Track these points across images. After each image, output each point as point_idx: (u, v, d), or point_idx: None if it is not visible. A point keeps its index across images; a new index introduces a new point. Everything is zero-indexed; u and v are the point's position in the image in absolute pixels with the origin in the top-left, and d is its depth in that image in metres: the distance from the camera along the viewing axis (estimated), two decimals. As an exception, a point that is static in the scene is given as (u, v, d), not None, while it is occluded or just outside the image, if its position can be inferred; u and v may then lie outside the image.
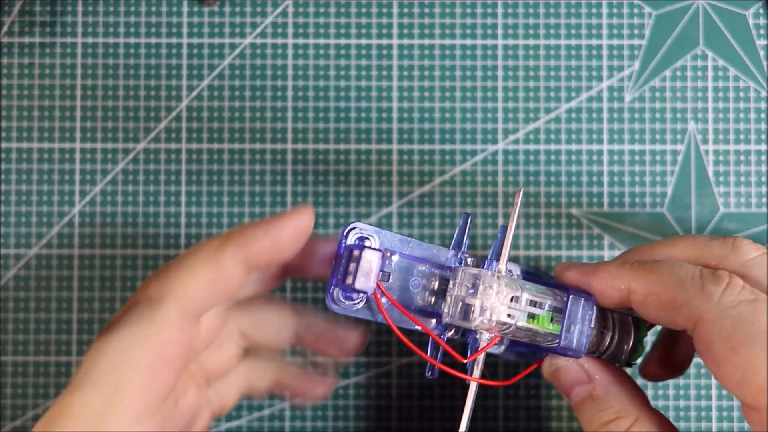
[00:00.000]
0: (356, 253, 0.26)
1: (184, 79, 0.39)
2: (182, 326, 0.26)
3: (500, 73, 0.39)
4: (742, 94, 0.39)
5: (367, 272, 0.26)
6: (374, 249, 0.26)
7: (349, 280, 0.26)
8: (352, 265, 0.26)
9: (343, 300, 0.27)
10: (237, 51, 0.39)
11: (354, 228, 0.27)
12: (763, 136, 0.39)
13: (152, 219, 0.39)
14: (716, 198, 0.39)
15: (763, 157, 0.39)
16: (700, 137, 0.39)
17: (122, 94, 0.39)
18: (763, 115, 0.39)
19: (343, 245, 0.27)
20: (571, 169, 0.39)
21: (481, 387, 0.29)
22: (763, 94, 0.39)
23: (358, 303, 0.27)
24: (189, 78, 0.39)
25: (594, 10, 0.39)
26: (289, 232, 0.27)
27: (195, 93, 0.39)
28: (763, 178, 0.39)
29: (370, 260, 0.26)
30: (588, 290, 0.28)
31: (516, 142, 0.39)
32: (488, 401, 0.38)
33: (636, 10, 0.39)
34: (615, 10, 0.39)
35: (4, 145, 0.39)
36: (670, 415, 0.38)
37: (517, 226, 0.39)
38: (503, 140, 0.39)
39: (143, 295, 0.26)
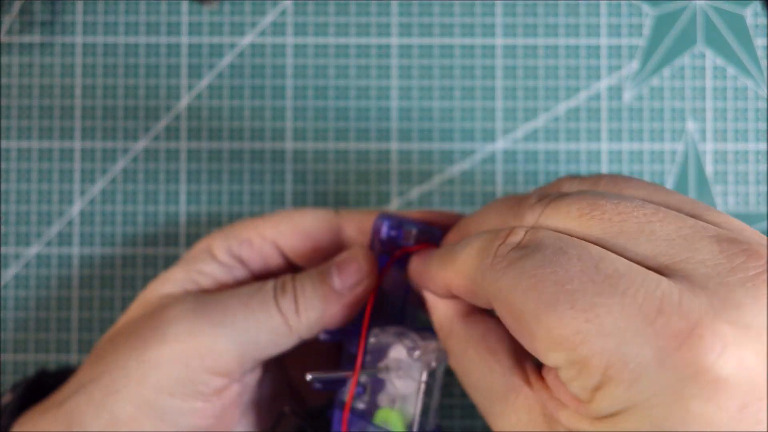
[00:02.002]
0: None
1: (183, 78, 0.39)
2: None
3: (499, 72, 0.39)
4: (740, 94, 0.39)
5: None
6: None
7: None
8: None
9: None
10: (236, 50, 0.39)
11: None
12: (762, 136, 0.39)
13: (152, 218, 0.39)
14: (715, 197, 0.39)
15: (762, 157, 0.39)
16: (698, 136, 0.39)
17: (122, 94, 0.39)
18: (761, 115, 0.39)
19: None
20: (570, 168, 0.39)
21: None
22: (762, 93, 0.39)
23: None
24: (189, 77, 0.39)
25: (593, 10, 0.39)
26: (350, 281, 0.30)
27: (194, 92, 0.39)
28: (762, 178, 0.39)
29: None
30: (428, 291, 0.28)
31: (515, 141, 0.39)
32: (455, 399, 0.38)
33: (635, 10, 0.39)
34: (614, 10, 0.39)
35: (3, 144, 0.39)
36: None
37: (516, 225, 0.39)
38: (502, 139, 0.39)
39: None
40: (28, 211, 0.39)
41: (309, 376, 0.28)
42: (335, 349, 0.35)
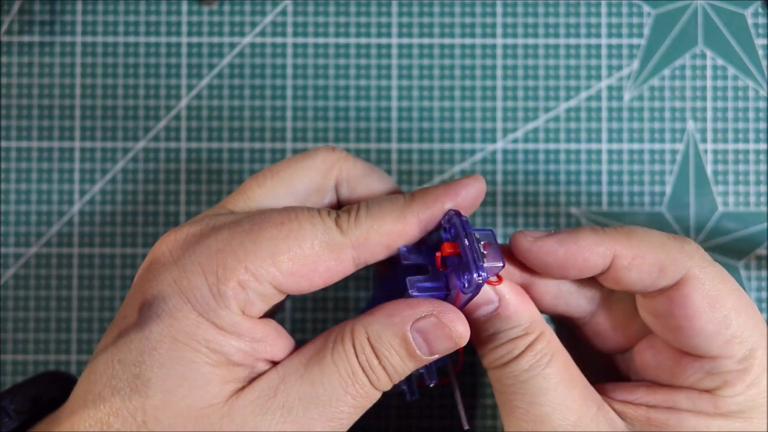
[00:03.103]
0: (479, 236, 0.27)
1: (183, 78, 0.39)
2: (349, 260, 0.27)
3: (499, 72, 0.39)
4: (741, 93, 0.39)
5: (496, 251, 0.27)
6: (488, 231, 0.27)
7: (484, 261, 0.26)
8: (482, 245, 0.27)
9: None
10: (236, 50, 0.39)
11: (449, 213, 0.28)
12: (762, 135, 0.39)
13: (152, 218, 0.39)
14: (715, 197, 0.39)
15: (762, 156, 0.39)
16: (698, 136, 0.39)
17: (121, 93, 0.39)
18: (762, 114, 0.39)
19: (464, 230, 0.27)
20: (570, 168, 0.39)
21: (474, 386, 0.29)
22: (762, 93, 0.39)
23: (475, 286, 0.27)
24: (188, 77, 0.39)
25: (593, 10, 0.39)
26: (468, 196, 0.28)
27: (194, 92, 0.39)
28: (762, 177, 0.39)
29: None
30: (568, 261, 0.27)
31: (515, 141, 0.39)
32: (487, 399, 0.38)
33: (635, 10, 0.39)
34: (614, 10, 0.39)
35: (3, 144, 0.39)
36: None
37: (516, 225, 0.39)
38: (502, 139, 0.39)
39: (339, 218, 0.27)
40: (27, 211, 0.39)
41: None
42: None
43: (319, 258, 0.26)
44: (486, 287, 0.28)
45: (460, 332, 0.26)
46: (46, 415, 0.28)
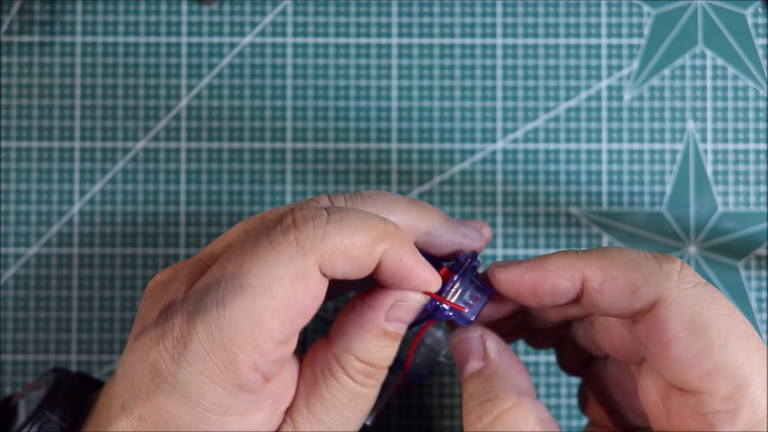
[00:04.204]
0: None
1: (183, 78, 0.39)
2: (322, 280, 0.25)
3: (499, 72, 0.39)
4: (741, 93, 0.39)
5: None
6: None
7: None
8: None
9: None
10: (236, 50, 0.39)
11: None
12: (762, 135, 0.39)
13: (151, 218, 0.39)
14: (715, 197, 0.39)
15: (762, 156, 0.39)
16: (698, 136, 0.39)
17: (121, 93, 0.39)
18: (761, 114, 0.39)
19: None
20: (570, 168, 0.39)
21: None
22: (762, 93, 0.39)
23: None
24: (188, 77, 0.39)
25: (593, 9, 0.39)
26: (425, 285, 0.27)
27: (194, 92, 0.39)
28: (762, 177, 0.39)
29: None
30: (537, 288, 0.27)
31: (515, 141, 0.39)
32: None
33: (635, 9, 0.39)
34: (614, 9, 0.39)
35: (3, 144, 0.39)
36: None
37: (516, 225, 0.39)
38: (502, 139, 0.39)
39: (287, 235, 0.25)
40: (28, 211, 0.39)
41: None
42: None
43: (297, 295, 0.24)
44: (476, 342, 0.28)
45: (420, 299, 0.27)
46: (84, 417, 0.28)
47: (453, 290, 0.28)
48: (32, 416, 0.27)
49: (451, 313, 0.27)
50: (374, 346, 0.26)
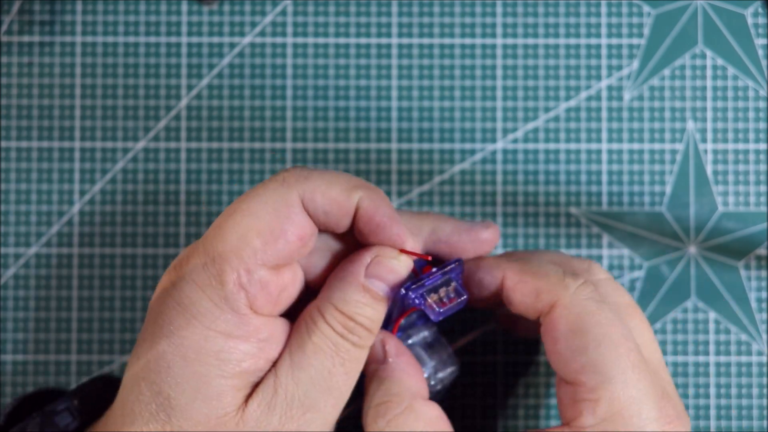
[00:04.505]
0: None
1: (183, 78, 0.39)
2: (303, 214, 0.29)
3: (499, 72, 0.39)
4: (741, 93, 0.39)
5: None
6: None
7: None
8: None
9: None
10: (236, 50, 0.39)
11: None
12: (762, 135, 0.39)
13: (151, 218, 0.39)
14: (715, 197, 0.39)
15: (762, 156, 0.39)
16: (698, 136, 0.39)
17: (121, 93, 0.39)
18: (761, 114, 0.39)
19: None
20: (570, 168, 0.39)
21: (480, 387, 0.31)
22: (762, 93, 0.39)
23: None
24: (188, 77, 0.39)
25: (593, 9, 0.39)
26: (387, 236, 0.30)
27: (194, 92, 0.39)
28: (762, 177, 0.39)
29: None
30: (470, 277, 0.32)
31: (515, 141, 0.39)
32: (488, 399, 0.38)
33: (635, 9, 0.39)
34: (614, 9, 0.39)
35: (3, 144, 0.39)
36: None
37: (516, 225, 0.39)
38: (502, 139, 0.39)
39: (277, 176, 0.29)
40: (27, 211, 0.39)
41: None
42: None
43: (279, 219, 0.28)
44: (377, 345, 0.30)
45: (401, 261, 0.29)
46: (99, 417, 0.30)
47: (429, 282, 0.29)
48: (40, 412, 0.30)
49: (417, 301, 0.29)
50: (353, 298, 0.28)
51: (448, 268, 0.30)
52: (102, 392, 0.32)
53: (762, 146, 0.39)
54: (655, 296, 0.38)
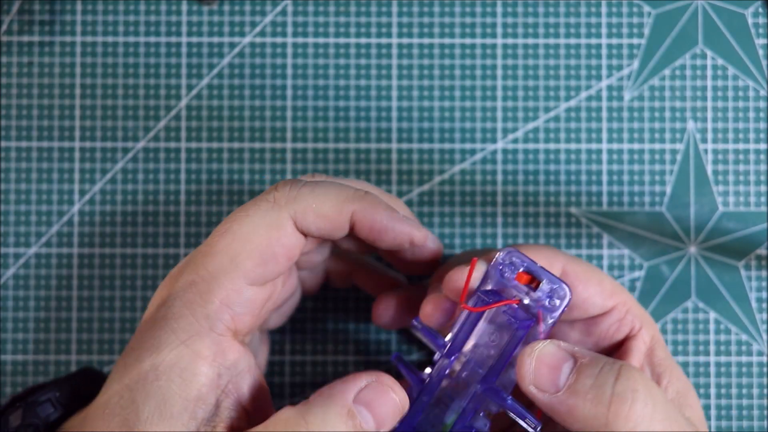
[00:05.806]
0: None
1: (183, 78, 0.39)
2: (294, 233, 0.29)
3: (499, 72, 0.39)
4: (741, 93, 0.39)
5: None
6: None
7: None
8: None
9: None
10: (236, 50, 0.39)
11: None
12: (762, 135, 0.39)
13: (151, 218, 0.39)
14: (715, 197, 0.39)
15: (762, 156, 0.39)
16: (699, 136, 0.39)
17: (121, 93, 0.39)
18: (762, 114, 0.39)
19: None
20: (570, 168, 0.39)
21: None
22: (762, 93, 0.39)
23: None
24: (188, 77, 0.39)
25: (593, 9, 0.39)
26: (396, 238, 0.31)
27: (194, 92, 0.39)
28: (762, 177, 0.39)
29: None
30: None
31: (515, 141, 0.39)
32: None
33: (635, 9, 0.39)
34: (614, 9, 0.39)
35: (3, 143, 0.39)
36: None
37: (516, 225, 0.39)
38: (502, 139, 0.39)
39: (268, 195, 0.30)
40: (27, 211, 0.39)
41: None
42: None
43: (269, 241, 0.29)
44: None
45: (401, 397, 0.27)
46: (80, 409, 0.31)
47: (481, 321, 0.29)
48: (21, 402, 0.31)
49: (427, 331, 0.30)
50: (332, 421, 0.26)
51: (518, 322, 0.29)
52: (85, 384, 0.32)
53: (762, 146, 0.39)
54: (655, 296, 0.38)
